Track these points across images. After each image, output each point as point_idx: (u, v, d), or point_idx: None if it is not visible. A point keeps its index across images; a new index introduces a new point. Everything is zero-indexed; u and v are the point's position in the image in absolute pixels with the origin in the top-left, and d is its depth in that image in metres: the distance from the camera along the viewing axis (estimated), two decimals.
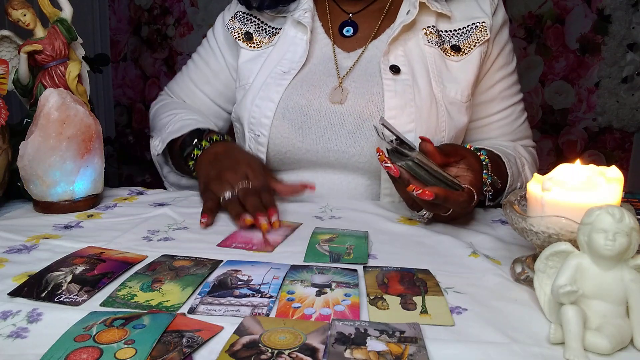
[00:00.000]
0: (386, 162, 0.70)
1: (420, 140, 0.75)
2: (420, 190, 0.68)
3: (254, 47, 0.99)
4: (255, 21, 1.01)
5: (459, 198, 0.71)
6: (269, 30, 0.99)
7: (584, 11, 2.24)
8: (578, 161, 0.57)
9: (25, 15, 0.81)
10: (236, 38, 1.00)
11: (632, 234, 0.45)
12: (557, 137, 2.37)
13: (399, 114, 0.87)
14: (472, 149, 0.81)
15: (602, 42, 2.23)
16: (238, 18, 1.01)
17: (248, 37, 0.99)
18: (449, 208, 0.72)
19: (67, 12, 0.83)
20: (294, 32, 0.96)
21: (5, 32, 0.86)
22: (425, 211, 0.75)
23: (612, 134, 2.32)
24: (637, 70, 2.20)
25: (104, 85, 2.83)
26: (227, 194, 0.78)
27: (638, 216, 0.47)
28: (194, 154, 0.91)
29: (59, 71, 0.83)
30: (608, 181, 0.54)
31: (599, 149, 2.34)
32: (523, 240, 0.65)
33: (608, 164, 0.65)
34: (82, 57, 0.87)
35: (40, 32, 0.82)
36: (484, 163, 0.80)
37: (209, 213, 0.76)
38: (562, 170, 0.56)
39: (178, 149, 0.95)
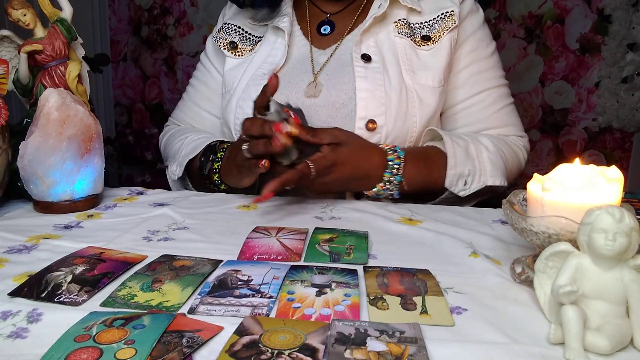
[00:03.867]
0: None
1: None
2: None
3: (238, 55, 1.05)
4: (239, 31, 1.07)
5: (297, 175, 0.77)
6: (252, 39, 1.05)
7: (584, 11, 2.24)
8: (577, 160, 0.57)
9: (25, 15, 0.81)
10: (221, 47, 1.06)
11: (632, 234, 0.45)
12: (557, 137, 2.37)
13: (370, 96, 0.92)
14: (386, 147, 0.87)
15: (602, 42, 2.23)
16: (224, 30, 1.08)
17: (233, 45, 1.06)
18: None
19: (67, 12, 0.83)
20: (274, 37, 1.02)
21: (5, 32, 0.86)
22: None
23: (612, 134, 2.32)
24: (637, 70, 2.20)
25: (104, 85, 2.83)
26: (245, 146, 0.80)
27: (638, 216, 0.47)
28: (215, 168, 0.93)
29: (59, 71, 0.83)
30: (608, 181, 0.54)
31: (599, 149, 2.34)
32: (523, 240, 0.65)
33: (608, 164, 0.65)
34: (82, 57, 0.87)
35: (40, 32, 0.82)
36: (389, 160, 0.85)
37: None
38: (562, 170, 0.56)
39: (197, 171, 0.97)
